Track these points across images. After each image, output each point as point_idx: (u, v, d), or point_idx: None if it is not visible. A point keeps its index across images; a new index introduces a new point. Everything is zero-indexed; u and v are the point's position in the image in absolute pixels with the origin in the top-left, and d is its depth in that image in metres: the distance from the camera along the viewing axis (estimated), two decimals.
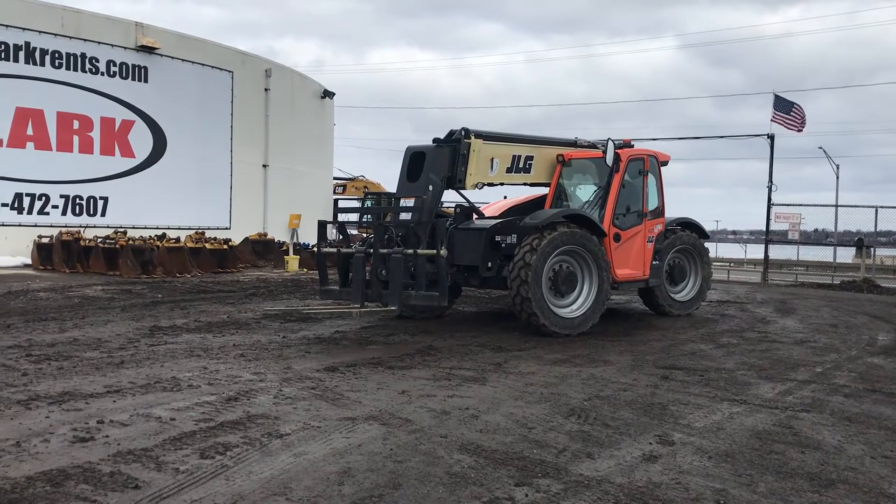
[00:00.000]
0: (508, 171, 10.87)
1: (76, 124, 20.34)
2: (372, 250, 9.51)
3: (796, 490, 4.37)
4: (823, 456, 5.03)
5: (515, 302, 9.67)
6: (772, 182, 22.87)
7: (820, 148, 43.35)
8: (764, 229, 23.82)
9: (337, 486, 4.19)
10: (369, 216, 11.21)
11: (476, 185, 10.49)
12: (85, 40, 20.41)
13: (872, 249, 23.65)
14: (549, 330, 9.66)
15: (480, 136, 10.31)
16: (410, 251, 9.15)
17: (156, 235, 18.47)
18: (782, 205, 23.60)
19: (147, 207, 21.46)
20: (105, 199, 20.88)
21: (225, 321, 10.44)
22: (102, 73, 20.80)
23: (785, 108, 23.65)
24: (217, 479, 4.22)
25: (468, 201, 11.41)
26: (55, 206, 19.93)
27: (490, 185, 10.93)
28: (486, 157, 10.41)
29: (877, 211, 21.39)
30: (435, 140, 10.39)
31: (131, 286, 14.65)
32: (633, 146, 11.93)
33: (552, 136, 11.91)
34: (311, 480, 4.25)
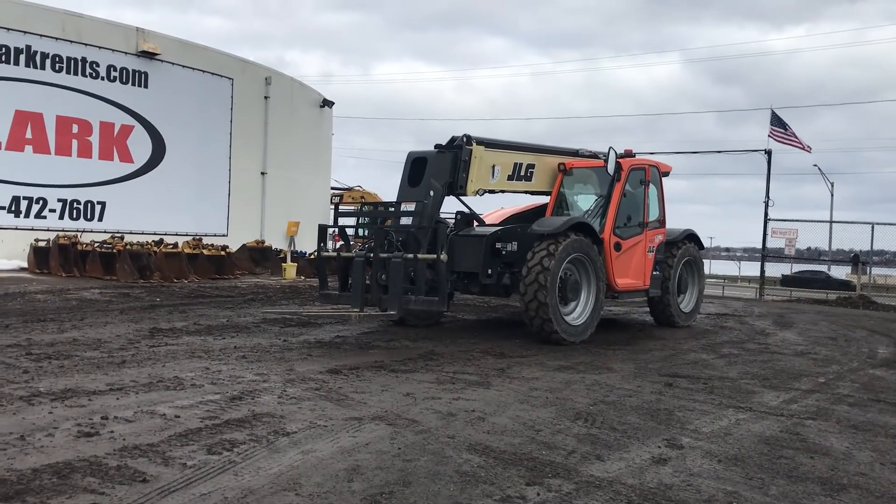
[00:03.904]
0: (510, 178, 10.84)
1: (75, 128, 20.29)
2: (372, 255, 9.46)
3: (808, 494, 4.35)
4: (833, 461, 5.01)
5: (530, 307, 9.52)
6: (768, 197, 22.95)
7: (815, 165, 43.59)
8: (759, 246, 23.91)
9: (346, 482, 4.15)
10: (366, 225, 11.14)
11: (477, 192, 10.44)
12: (85, 45, 20.38)
13: (868, 266, 23.70)
14: (560, 337, 9.58)
15: (482, 142, 10.29)
16: (411, 256, 9.09)
17: (153, 241, 18.39)
18: (778, 220, 23.74)
19: (144, 213, 21.38)
20: (103, 204, 20.81)
21: (225, 324, 10.39)
22: (102, 78, 20.77)
23: (782, 125, 23.84)
24: (225, 475, 4.17)
25: (469, 208, 11.39)
26: (52, 210, 19.85)
27: (491, 192, 10.88)
28: (487, 164, 10.39)
29: (873, 228, 21.43)
30: (437, 146, 10.38)
31: (129, 290, 14.57)
32: (634, 156, 11.93)
33: (554, 146, 11.92)
34: (321, 477, 4.21)
